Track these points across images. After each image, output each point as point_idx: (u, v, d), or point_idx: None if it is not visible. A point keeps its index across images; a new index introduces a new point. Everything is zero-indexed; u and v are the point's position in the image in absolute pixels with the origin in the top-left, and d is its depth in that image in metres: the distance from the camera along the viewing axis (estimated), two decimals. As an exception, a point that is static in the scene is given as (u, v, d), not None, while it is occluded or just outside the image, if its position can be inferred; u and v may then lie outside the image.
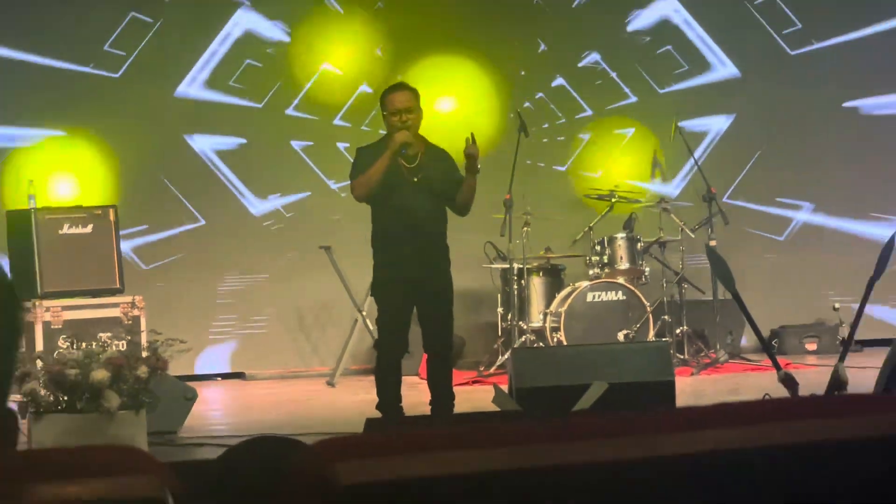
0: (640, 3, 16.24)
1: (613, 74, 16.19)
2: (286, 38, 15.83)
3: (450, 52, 15.78)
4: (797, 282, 15.99)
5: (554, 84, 16.12)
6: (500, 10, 15.96)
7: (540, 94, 16.04)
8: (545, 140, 15.86)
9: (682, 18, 16.36)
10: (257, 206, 15.72)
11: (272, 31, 15.81)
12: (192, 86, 15.63)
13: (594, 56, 16.18)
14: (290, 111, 15.79)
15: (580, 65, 16.18)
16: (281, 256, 15.55)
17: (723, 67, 16.39)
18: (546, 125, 15.95)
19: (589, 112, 16.15)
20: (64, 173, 15.03)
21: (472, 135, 11.01)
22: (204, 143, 15.65)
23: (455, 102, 15.27)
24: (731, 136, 16.30)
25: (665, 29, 16.29)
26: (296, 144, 15.79)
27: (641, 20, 16.31)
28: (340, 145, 15.53)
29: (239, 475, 4.08)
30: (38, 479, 1.60)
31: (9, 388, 1.92)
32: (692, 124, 16.10)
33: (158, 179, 15.32)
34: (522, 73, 16.12)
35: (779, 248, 16.22)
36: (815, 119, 16.27)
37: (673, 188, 15.71)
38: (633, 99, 16.18)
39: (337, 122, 15.80)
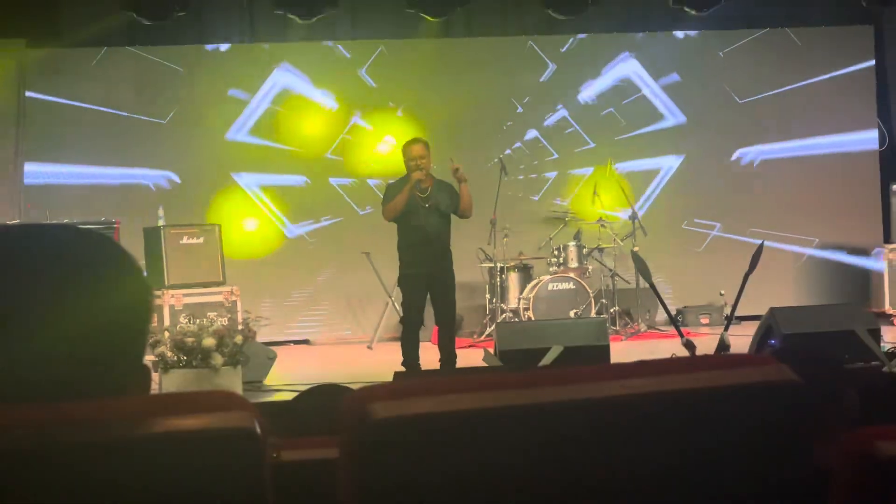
0: (594, 74, 16.13)
1: (577, 126, 16.08)
2: (327, 100, 15.70)
3: (451, 110, 15.68)
4: (698, 276, 15.93)
5: (528, 137, 16.04)
6: (487, 81, 15.86)
7: (518, 144, 15.97)
8: (521, 177, 15.80)
9: (640, 78, 16.27)
10: (292, 229, 15.70)
11: (312, 91, 15.69)
12: (240, 132, 15.54)
13: (563, 112, 16.06)
14: (328, 155, 15.71)
15: (548, 122, 16.08)
16: (330, 261, 15.51)
17: (672, 117, 16.30)
18: (522, 166, 15.89)
19: (556, 156, 16.07)
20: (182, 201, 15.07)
21: (450, 158, 11.15)
22: (250, 180, 15.61)
23: (456, 150, 15.17)
24: (680, 172, 16.26)
25: (626, 86, 16.18)
26: (333, 181, 15.71)
27: (605, 80, 16.15)
28: (371, 182, 15.48)
29: (306, 411, 4.06)
30: (164, 415, 1.60)
31: (144, 351, 1.92)
32: (647, 163, 16.07)
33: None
34: (505, 127, 16.03)
35: (697, 255, 16.17)
36: (721, 163, 16.21)
37: (638, 211, 15.57)
38: (592, 145, 16.07)
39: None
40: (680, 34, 16.09)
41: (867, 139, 16.31)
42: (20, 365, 1.79)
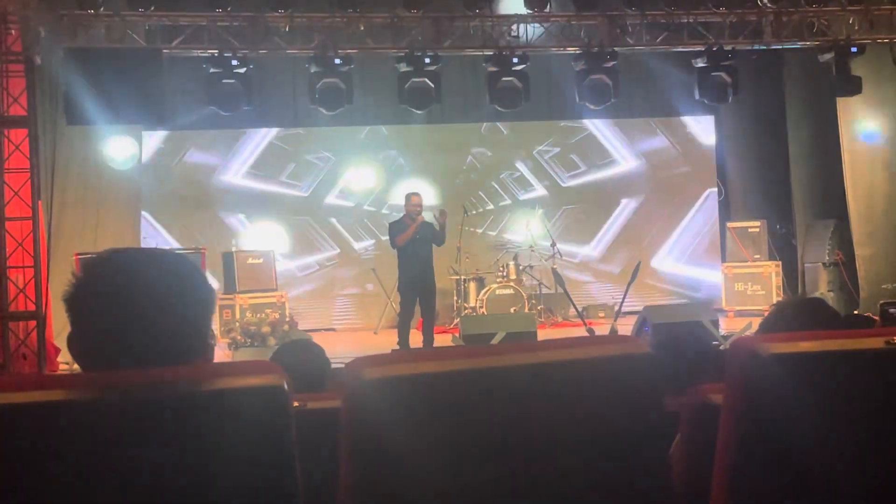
0: (513, 157, 16.02)
1: (498, 186, 16.01)
2: (330, 154, 15.54)
3: (431, 169, 15.60)
4: (598, 286, 15.93)
5: (480, 191, 15.97)
6: (454, 156, 15.84)
7: (480, 192, 15.92)
8: (480, 217, 15.75)
9: (525, 164, 16.12)
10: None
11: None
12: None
13: (499, 178, 16.02)
14: (328, 200, 15.55)
15: (502, 175, 16.00)
16: (346, 277, 15.43)
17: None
18: (481, 209, 15.84)
19: (508, 201, 16.00)
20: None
21: (442, 211, 11.19)
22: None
23: (435, 197, 15.13)
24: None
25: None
26: (335, 221, 15.59)
27: (517, 164, 16.04)
28: (367, 221, 15.41)
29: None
30: (221, 376, 1.59)
31: (209, 332, 1.93)
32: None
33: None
34: (473, 176, 15.94)
35: (597, 269, 16.17)
36: (609, 210, 16.19)
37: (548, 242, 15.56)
38: (508, 201, 16.01)
39: (365, 207, 15.65)
40: (585, 122, 16.12)
41: (711, 192, 16.39)
42: (127, 340, 1.81)
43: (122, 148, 13.03)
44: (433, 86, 12.14)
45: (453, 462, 1.66)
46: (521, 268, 14.50)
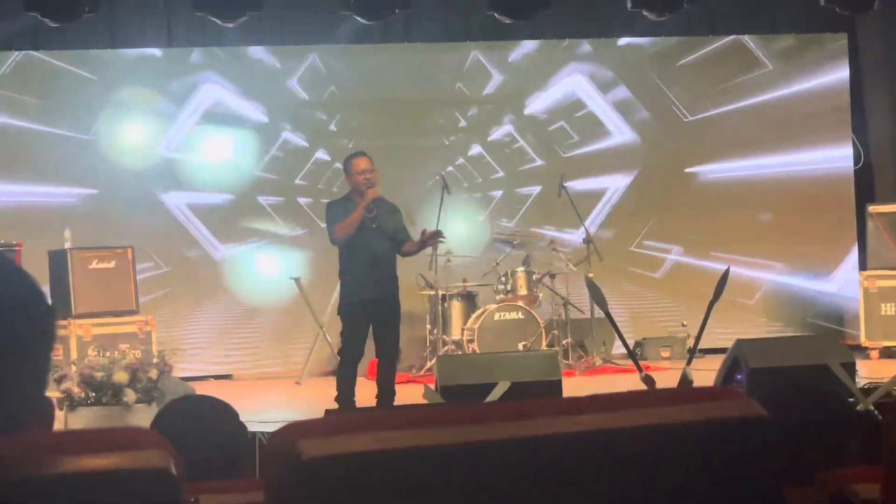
0: (542, 85, 16.06)
1: (523, 142, 16.04)
2: (255, 113, 15.57)
3: (389, 123, 15.64)
4: (655, 305, 15.96)
5: (472, 153, 15.98)
6: (428, 93, 15.82)
7: (461, 160, 15.92)
8: (465, 196, 15.75)
9: (586, 93, 16.19)
10: (222, 251, 15.53)
11: (238, 103, 15.48)
12: (169, 148, 15.34)
13: (507, 128, 16.03)
14: (257, 172, 15.59)
15: (493, 136, 16.02)
16: (256, 287, 15.40)
17: (621, 134, 16.24)
18: (466, 185, 15.84)
19: (501, 173, 16.04)
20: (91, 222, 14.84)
21: (434, 230, 11.30)
22: (179, 199, 15.41)
23: (395, 165, 15.04)
24: (630, 192, 16.16)
25: (574, 101, 16.09)
26: (262, 199, 15.57)
27: (548, 96, 16.05)
28: (301, 200, 15.41)
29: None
30: (70, 453, 1.59)
31: (46, 383, 1.90)
32: (592, 182, 15.97)
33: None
34: (447, 141, 15.97)
35: (655, 281, 16.16)
36: (677, 182, 16.20)
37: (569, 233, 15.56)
38: (539, 162, 16.04)
39: (298, 181, 15.61)
40: (636, 42, 16.10)
41: (840, 156, 16.40)
42: None
43: None
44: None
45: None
46: (534, 277, 14.51)
